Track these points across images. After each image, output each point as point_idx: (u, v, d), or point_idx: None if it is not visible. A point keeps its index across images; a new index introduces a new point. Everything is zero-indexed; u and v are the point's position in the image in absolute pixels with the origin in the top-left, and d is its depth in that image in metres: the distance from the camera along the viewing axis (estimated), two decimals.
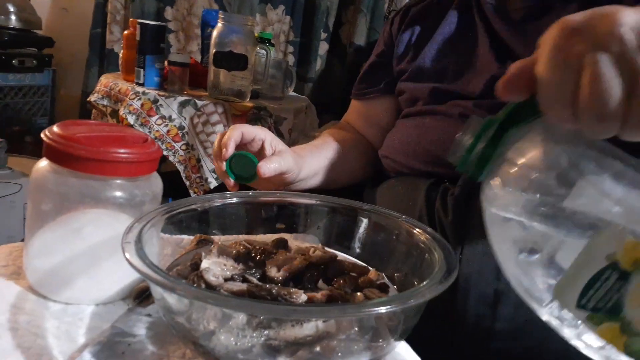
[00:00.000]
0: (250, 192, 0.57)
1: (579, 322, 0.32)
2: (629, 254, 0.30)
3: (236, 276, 0.44)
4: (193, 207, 0.52)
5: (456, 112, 0.74)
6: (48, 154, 0.46)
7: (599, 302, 0.31)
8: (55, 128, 0.47)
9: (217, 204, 0.54)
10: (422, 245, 0.46)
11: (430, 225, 0.65)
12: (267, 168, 0.68)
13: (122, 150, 0.46)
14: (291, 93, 1.88)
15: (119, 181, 0.47)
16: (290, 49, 2.23)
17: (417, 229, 0.48)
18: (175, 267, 0.48)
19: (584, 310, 0.32)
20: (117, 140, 0.48)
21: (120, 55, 1.58)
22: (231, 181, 0.70)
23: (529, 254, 0.35)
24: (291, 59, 2.23)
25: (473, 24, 0.80)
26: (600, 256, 0.31)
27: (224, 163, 0.69)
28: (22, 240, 0.51)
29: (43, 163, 0.47)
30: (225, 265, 0.46)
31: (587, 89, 0.31)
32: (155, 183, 0.51)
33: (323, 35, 2.19)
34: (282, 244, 0.52)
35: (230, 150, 0.68)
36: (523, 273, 0.35)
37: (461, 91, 0.76)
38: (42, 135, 0.47)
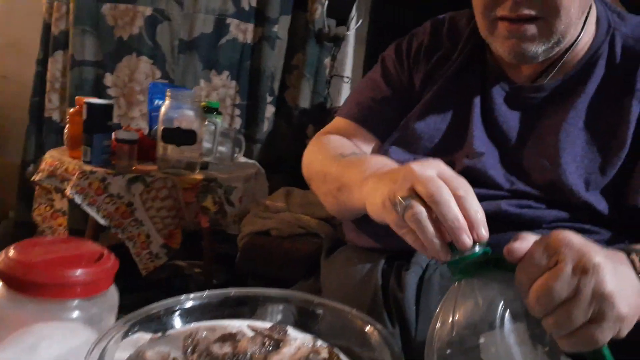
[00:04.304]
0: (206, 293, 0.58)
1: None
2: None
3: None
4: (153, 312, 0.52)
5: None
6: (4, 279, 0.47)
7: None
8: (11, 252, 0.48)
9: (177, 307, 0.55)
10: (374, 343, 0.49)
11: (385, 301, 0.67)
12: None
13: (78, 272, 0.47)
14: (240, 159, 1.91)
15: (76, 302, 0.48)
16: (237, 111, 2.28)
17: (368, 327, 0.51)
18: None
19: None
20: (72, 261, 0.48)
21: (65, 130, 1.57)
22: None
23: None
24: (238, 122, 2.28)
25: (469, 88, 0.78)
26: None
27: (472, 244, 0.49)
28: None
29: None
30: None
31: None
32: (111, 296, 0.52)
33: (269, 98, 2.26)
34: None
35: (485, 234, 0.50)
36: None
37: None
38: None
